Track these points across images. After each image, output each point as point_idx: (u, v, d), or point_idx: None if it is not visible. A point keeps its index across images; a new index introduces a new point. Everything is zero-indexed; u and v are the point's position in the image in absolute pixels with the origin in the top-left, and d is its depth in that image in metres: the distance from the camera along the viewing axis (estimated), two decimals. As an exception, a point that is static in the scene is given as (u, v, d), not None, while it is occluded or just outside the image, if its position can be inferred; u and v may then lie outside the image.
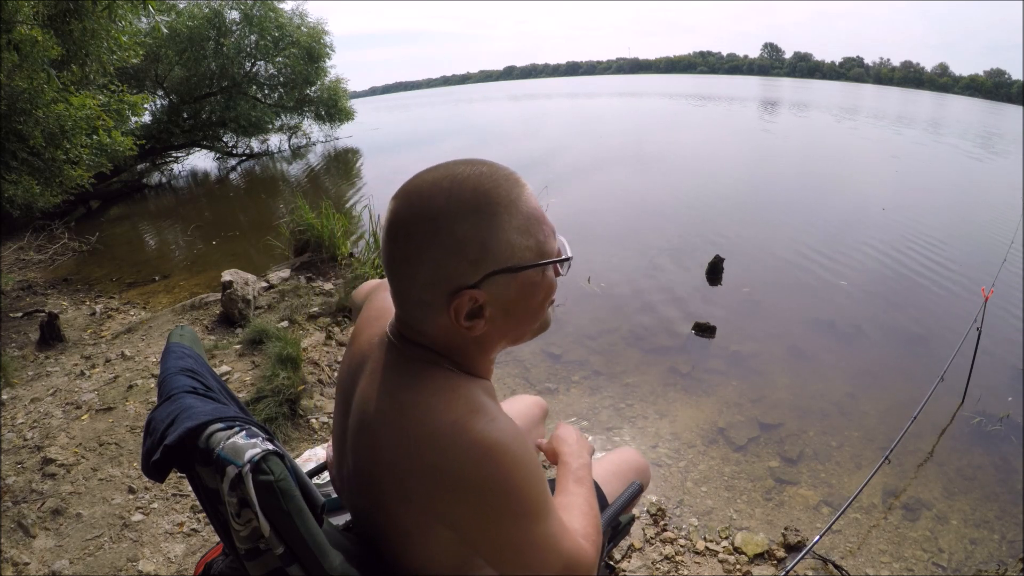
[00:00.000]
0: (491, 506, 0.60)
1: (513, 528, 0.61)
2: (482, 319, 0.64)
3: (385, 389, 0.66)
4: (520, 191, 0.64)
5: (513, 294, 0.64)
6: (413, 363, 0.67)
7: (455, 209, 0.60)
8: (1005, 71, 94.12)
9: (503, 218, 0.61)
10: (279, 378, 2.47)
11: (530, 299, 0.66)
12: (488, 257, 0.61)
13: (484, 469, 0.59)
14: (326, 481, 1.20)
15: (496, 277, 0.62)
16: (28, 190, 4.62)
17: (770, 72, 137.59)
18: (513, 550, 0.62)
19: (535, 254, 0.64)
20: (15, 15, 3.79)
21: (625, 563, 1.83)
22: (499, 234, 0.61)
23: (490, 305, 0.63)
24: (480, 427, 0.60)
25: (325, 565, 0.59)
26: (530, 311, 0.67)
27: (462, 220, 0.60)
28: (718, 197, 7.14)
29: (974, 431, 2.55)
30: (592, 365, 3.14)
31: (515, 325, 0.68)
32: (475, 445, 0.59)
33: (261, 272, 4.21)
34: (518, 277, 0.63)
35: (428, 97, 65.10)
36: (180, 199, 9.78)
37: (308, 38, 12.20)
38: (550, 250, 0.66)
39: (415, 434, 0.61)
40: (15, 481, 2.08)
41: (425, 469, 0.60)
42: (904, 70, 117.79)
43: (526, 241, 0.63)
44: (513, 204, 0.62)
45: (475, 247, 0.61)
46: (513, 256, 0.62)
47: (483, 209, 0.61)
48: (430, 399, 0.62)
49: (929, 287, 4.25)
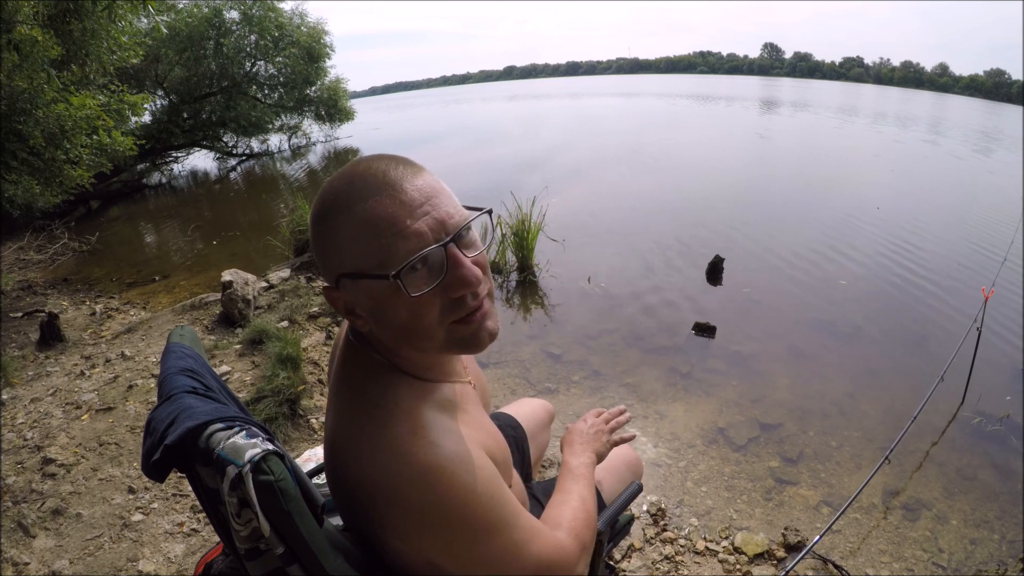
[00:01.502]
0: (438, 528, 0.60)
1: (467, 546, 0.61)
2: (359, 317, 0.65)
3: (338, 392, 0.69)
4: (373, 195, 0.59)
5: (366, 300, 0.62)
6: (358, 367, 0.68)
7: (315, 212, 0.63)
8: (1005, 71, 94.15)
9: (338, 224, 0.60)
10: (279, 378, 2.47)
11: (389, 310, 0.61)
12: (330, 261, 0.62)
13: (424, 493, 0.59)
14: (326, 481, 1.20)
15: (344, 280, 0.62)
16: (28, 190, 4.62)
17: (770, 72, 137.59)
18: (473, 566, 0.62)
19: (369, 264, 0.59)
20: (15, 15, 3.79)
21: (625, 563, 1.83)
22: (336, 239, 0.61)
23: (357, 306, 0.64)
24: (416, 450, 0.60)
25: (325, 565, 0.59)
26: (403, 324, 0.62)
27: (318, 222, 0.63)
28: (718, 197, 7.14)
29: (974, 431, 2.55)
30: (592, 365, 3.14)
31: (397, 333, 0.64)
32: (413, 469, 0.59)
33: (261, 272, 4.22)
34: (360, 284, 0.61)
35: (428, 97, 65.14)
36: (180, 199, 9.78)
37: (308, 38, 12.21)
38: (392, 264, 0.58)
39: (360, 459, 0.62)
40: (15, 481, 2.08)
41: (373, 493, 0.61)
42: (904, 70, 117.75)
43: (361, 248, 0.59)
44: (350, 210, 0.59)
45: (321, 250, 0.63)
46: (348, 263, 0.61)
47: (327, 212, 0.61)
48: (371, 415, 0.63)
49: (929, 287, 4.25)
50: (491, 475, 0.64)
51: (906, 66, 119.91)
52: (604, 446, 0.99)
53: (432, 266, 0.60)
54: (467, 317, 0.64)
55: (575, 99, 36.55)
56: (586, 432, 1.00)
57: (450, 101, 45.25)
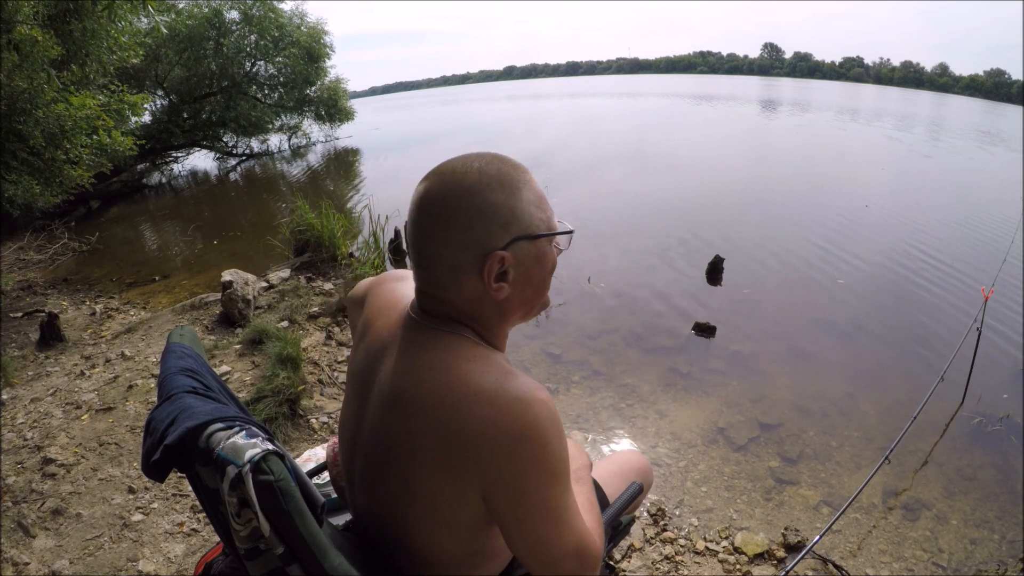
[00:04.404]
0: (526, 458, 0.63)
1: (542, 486, 0.65)
2: (507, 282, 0.70)
3: (419, 360, 0.71)
4: (531, 175, 0.74)
5: (531, 260, 0.72)
6: (441, 335, 0.71)
7: (487, 182, 0.69)
8: (1005, 71, 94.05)
9: (525, 192, 0.71)
10: (279, 378, 2.47)
11: (542, 268, 0.74)
12: (515, 223, 0.69)
13: (524, 419, 0.62)
14: (326, 481, 1.20)
15: (520, 243, 0.70)
16: (28, 190, 4.62)
17: (770, 72, 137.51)
18: (536, 512, 0.65)
19: (547, 227, 0.72)
20: (15, 15, 3.79)
21: (625, 563, 1.83)
22: (523, 205, 0.70)
23: (513, 268, 0.70)
24: (518, 385, 0.65)
25: (325, 565, 0.59)
26: (541, 281, 0.75)
27: (495, 190, 0.69)
28: (718, 196, 7.14)
29: (974, 431, 2.55)
30: (592, 365, 3.14)
31: (531, 293, 0.74)
32: (516, 400, 0.63)
33: (261, 272, 4.21)
34: (536, 244, 0.71)
35: (428, 97, 65.11)
36: (180, 199, 9.78)
37: (308, 38, 12.21)
38: (555, 226, 0.74)
39: (459, 392, 0.65)
40: (15, 481, 2.08)
41: (471, 423, 0.63)
42: (904, 70, 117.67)
43: (541, 214, 0.72)
44: (529, 183, 0.72)
45: (505, 213, 0.69)
46: (532, 225, 0.70)
47: (509, 183, 0.70)
48: (466, 364, 0.67)
49: (929, 287, 4.25)
50: None
51: (906, 66, 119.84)
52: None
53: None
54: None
55: (575, 99, 36.56)
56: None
57: (450, 101, 45.25)
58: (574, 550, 0.67)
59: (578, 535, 0.68)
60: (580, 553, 0.68)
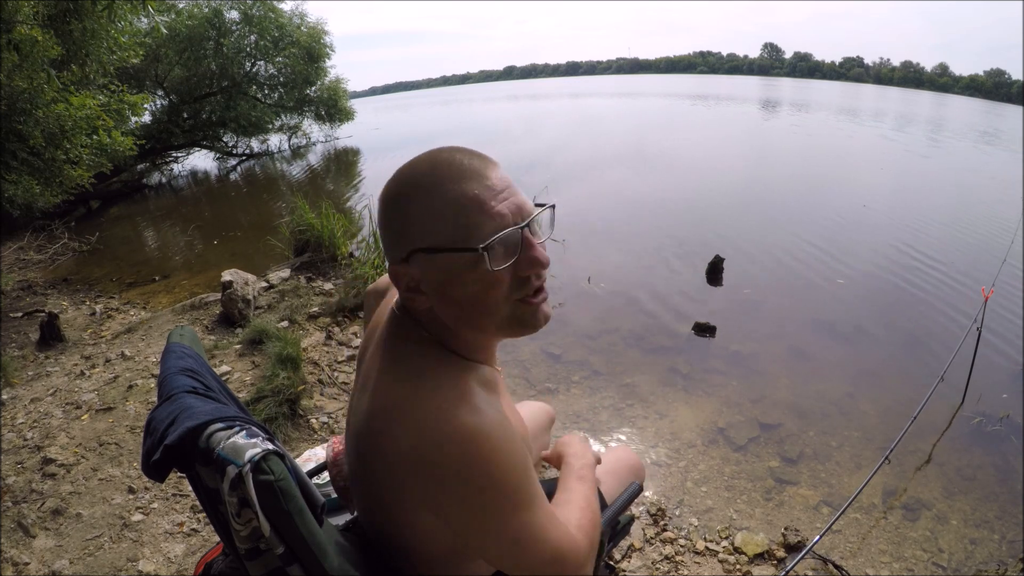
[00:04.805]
0: (473, 495, 0.61)
1: (497, 517, 0.63)
2: (421, 294, 0.67)
3: (381, 369, 0.70)
4: (459, 179, 0.64)
5: (437, 275, 0.66)
6: (407, 341, 0.70)
7: (393, 191, 0.67)
8: (1005, 71, 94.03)
9: (423, 201, 0.64)
10: (279, 378, 2.47)
11: (460, 285, 0.65)
12: (406, 235, 0.66)
13: (465, 457, 0.60)
14: (326, 481, 1.20)
15: (418, 255, 0.65)
16: (28, 190, 4.62)
17: (770, 72, 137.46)
18: (498, 539, 0.63)
19: (451, 240, 0.64)
20: (15, 15, 3.79)
21: (625, 563, 1.83)
22: (417, 216, 0.65)
23: (423, 282, 0.67)
24: (462, 415, 0.62)
25: (325, 565, 0.59)
26: (471, 298, 0.66)
27: (394, 201, 0.67)
28: (718, 197, 7.14)
29: (974, 431, 2.55)
30: (592, 365, 3.14)
31: (460, 309, 0.67)
32: (456, 433, 0.60)
33: (261, 272, 4.21)
34: (436, 259, 0.65)
35: (428, 97, 65.10)
36: (180, 199, 9.78)
37: (308, 38, 12.21)
38: (470, 239, 0.63)
39: (403, 421, 0.63)
40: (15, 481, 2.08)
41: (411, 455, 0.62)
42: (904, 70, 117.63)
43: (443, 226, 0.64)
44: (437, 189, 0.64)
45: (398, 225, 0.67)
46: (427, 238, 0.65)
47: (407, 192, 0.66)
48: (418, 382, 0.65)
49: (929, 287, 4.25)
50: (526, 452, 0.66)
51: (906, 66, 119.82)
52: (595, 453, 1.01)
53: (509, 246, 0.65)
54: (530, 298, 0.68)
55: (575, 99, 36.54)
56: (582, 438, 1.02)
57: (450, 101, 45.23)
58: (550, 559, 0.66)
59: (553, 545, 0.66)
60: (558, 560, 0.66)
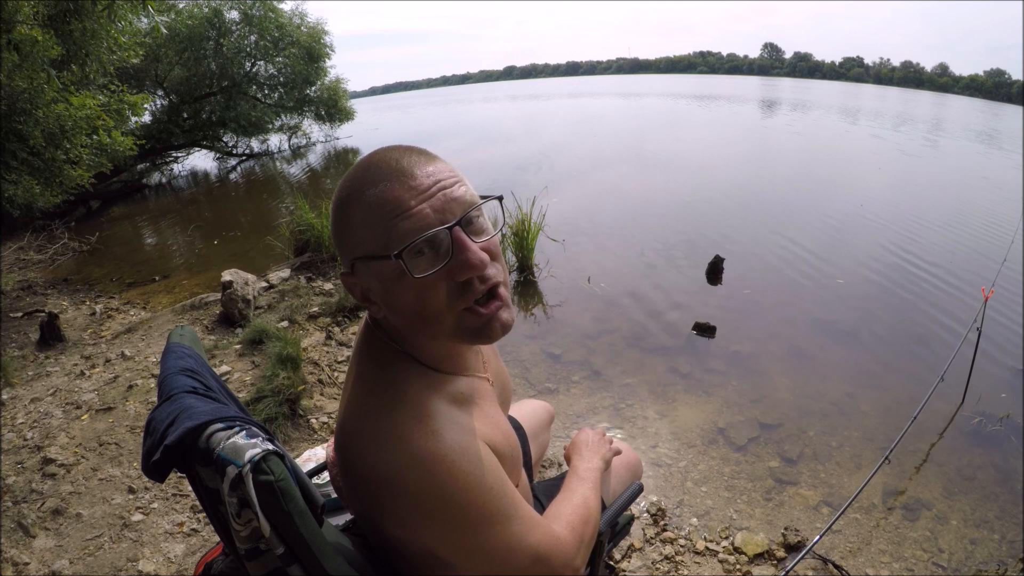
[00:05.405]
0: (436, 516, 0.61)
1: (464, 535, 0.62)
2: (373, 303, 0.67)
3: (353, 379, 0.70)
4: (382, 180, 0.61)
5: (376, 284, 0.64)
6: (373, 351, 0.69)
7: (335, 198, 0.66)
8: (1005, 71, 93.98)
9: (353, 209, 0.63)
10: (279, 378, 2.47)
11: (397, 294, 0.62)
12: (346, 244, 0.65)
13: (421, 483, 0.60)
14: (326, 481, 1.20)
15: (358, 264, 0.64)
16: (28, 190, 4.62)
17: (770, 72, 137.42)
18: (470, 555, 0.63)
19: (375, 247, 0.61)
20: (15, 15, 3.79)
21: (625, 563, 1.83)
22: (350, 223, 0.63)
23: (371, 292, 0.66)
24: (418, 438, 0.61)
25: (325, 565, 0.59)
26: (409, 308, 0.63)
27: (336, 208, 0.65)
28: (718, 196, 7.14)
29: (974, 431, 2.55)
30: (592, 365, 3.14)
31: (406, 319, 0.64)
32: (412, 458, 0.60)
33: (261, 272, 4.21)
34: (371, 267, 0.63)
35: (428, 97, 65.10)
36: (180, 199, 9.78)
37: (308, 38, 12.22)
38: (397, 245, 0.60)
39: (363, 440, 0.63)
40: (15, 481, 2.08)
41: (373, 475, 0.62)
42: (904, 70, 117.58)
43: (370, 232, 0.61)
44: (363, 194, 0.61)
45: (338, 237, 0.66)
46: (359, 247, 0.63)
47: (342, 198, 0.64)
48: (380, 399, 0.64)
49: (929, 287, 4.24)
50: (492, 466, 0.64)
51: (906, 66, 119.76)
52: (609, 452, 1.03)
53: (439, 249, 0.61)
54: (481, 306, 0.64)
55: (575, 99, 36.53)
56: (592, 440, 1.04)
57: (450, 101, 45.19)
58: (531, 562, 0.65)
59: (533, 549, 0.65)
60: (541, 560, 0.66)
